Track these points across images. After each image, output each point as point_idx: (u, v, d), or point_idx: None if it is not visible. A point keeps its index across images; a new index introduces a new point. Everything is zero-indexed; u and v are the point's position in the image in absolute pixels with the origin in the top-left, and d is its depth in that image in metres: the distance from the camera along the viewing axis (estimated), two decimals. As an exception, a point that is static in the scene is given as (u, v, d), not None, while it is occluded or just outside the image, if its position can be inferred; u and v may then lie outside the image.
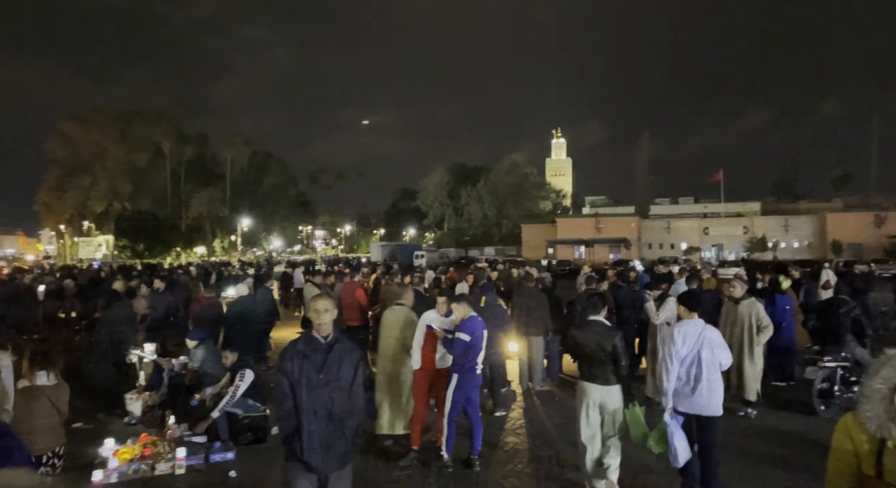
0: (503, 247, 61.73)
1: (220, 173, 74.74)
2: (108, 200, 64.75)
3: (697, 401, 4.35)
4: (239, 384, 6.25)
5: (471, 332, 5.16)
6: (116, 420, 7.01)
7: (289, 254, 69.73)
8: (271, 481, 5.10)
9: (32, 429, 3.94)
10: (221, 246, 71.09)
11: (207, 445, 5.77)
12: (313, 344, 3.37)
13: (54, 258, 65.64)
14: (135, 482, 5.13)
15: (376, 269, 16.07)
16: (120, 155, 64.98)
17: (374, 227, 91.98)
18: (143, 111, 68.60)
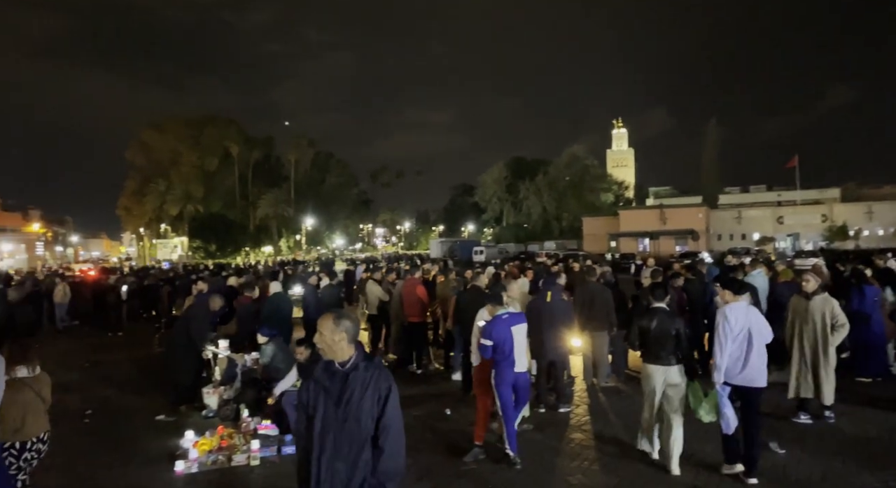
0: (563, 242, 60.77)
1: (284, 175, 77.16)
2: (182, 203, 68.23)
3: (747, 375, 4.80)
4: (307, 378, 6.44)
5: (489, 335, 5.20)
6: (195, 413, 7.37)
7: (351, 252, 71.28)
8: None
9: (19, 418, 4.20)
10: (287, 245, 73.44)
11: (279, 438, 5.99)
12: (330, 371, 2.75)
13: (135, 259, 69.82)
14: (213, 472, 5.39)
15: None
16: (193, 160, 68.23)
17: (433, 224, 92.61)
18: (213, 117, 71.73)
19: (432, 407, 7.27)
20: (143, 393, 8.40)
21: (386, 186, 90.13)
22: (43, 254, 73.68)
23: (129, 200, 70.60)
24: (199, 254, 62.72)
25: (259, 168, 73.98)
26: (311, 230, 73.56)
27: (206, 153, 68.92)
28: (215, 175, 70.72)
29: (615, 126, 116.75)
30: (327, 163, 79.35)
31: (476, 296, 7.79)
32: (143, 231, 73.12)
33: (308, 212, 71.27)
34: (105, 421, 7.22)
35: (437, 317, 10.36)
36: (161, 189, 67.50)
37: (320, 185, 78.07)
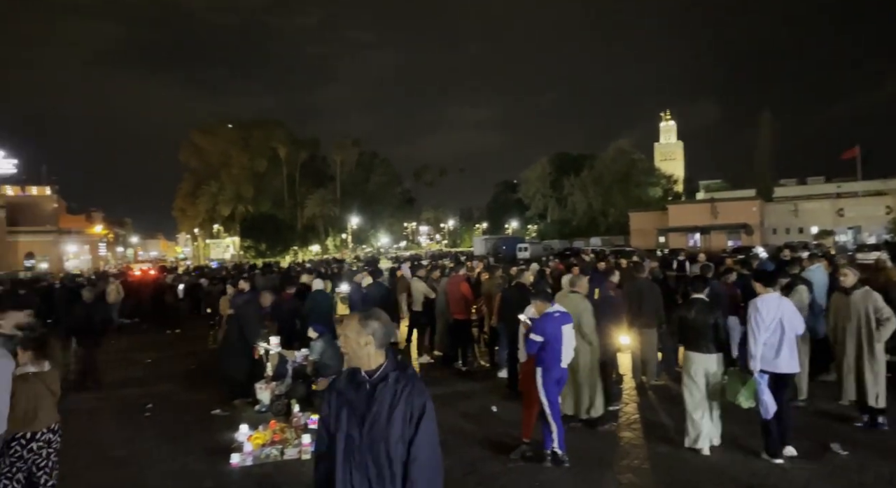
0: (610, 238, 59.70)
1: (330, 175, 78.50)
2: (233, 204, 70.37)
3: (780, 362, 5.08)
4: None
5: (542, 332, 5.15)
6: (249, 408, 7.62)
7: (395, 251, 71.99)
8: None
9: (32, 410, 4.40)
10: (334, 244, 74.75)
11: (329, 433, 6.13)
12: (355, 381, 2.38)
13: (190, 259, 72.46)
14: (267, 465, 5.56)
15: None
16: (243, 161, 70.20)
17: (477, 221, 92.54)
18: (261, 120, 73.63)
19: (479, 404, 7.29)
20: (199, 388, 8.73)
21: (429, 185, 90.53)
22: (105, 254, 77.28)
23: (184, 202, 73.24)
24: (250, 253, 64.52)
25: (306, 168, 75.49)
26: (357, 229, 74.63)
27: (255, 155, 70.80)
28: (264, 176, 72.56)
29: (663, 118, 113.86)
30: (371, 163, 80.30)
31: (521, 293, 7.77)
32: (198, 231, 75.77)
33: (353, 211, 72.34)
34: (165, 415, 7.54)
35: (482, 314, 10.37)
36: (213, 190, 69.79)
37: (365, 185, 79.07)
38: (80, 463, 5.87)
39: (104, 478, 5.50)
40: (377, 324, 2.38)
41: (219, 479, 5.30)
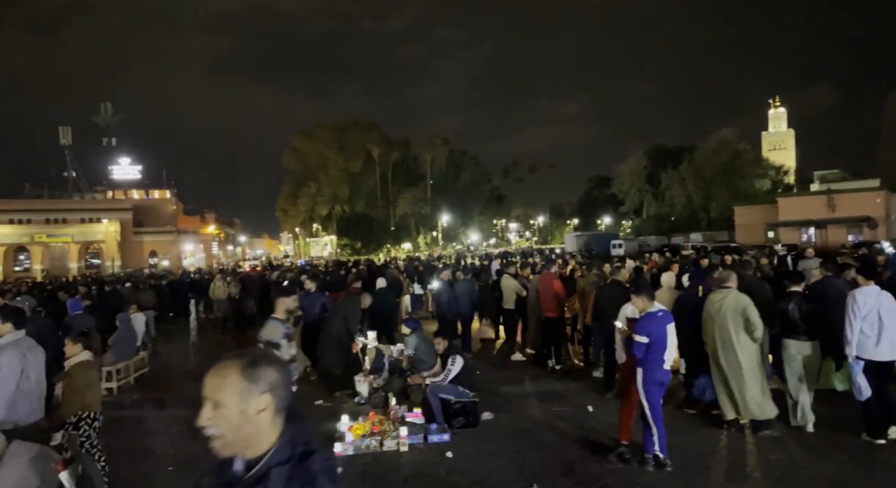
0: (712, 233, 56.44)
1: (421, 173, 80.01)
2: (330, 204, 73.53)
3: (880, 351, 5.31)
4: (450, 369, 6.69)
5: (647, 332, 4.94)
6: (349, 399, 7.95)
7: (485, 248, 72.13)
8: (484, 465, 5.36)
9: (88, 395, 4.78)
10: (425, 241, 76.12)
11: (425, 426, 6.27)
12: (225, 481, 1.52)
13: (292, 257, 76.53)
14: (367, 455, 5.77)
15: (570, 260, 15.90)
16: (339, 163, 73.16)
17: (568, 218, 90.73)
18: (356, 122, 76.34)
19: (574, 403, 7.18)
20: (303, 380, 9.19)
21: (519, 181, 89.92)
22: (217, 252, 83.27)
23: (286, 202, 77.39)
24: (347, 251, 67.13)
25: (398, 168, 77.40)
26: (447, 227, 75.55)
27: (350, 156, 73.52)
28: (359, 176, 75.19)
29: (772, 105, 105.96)
30: (461, 161, 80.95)
31: (617, 290, 7.55)
32: (298, 230, 79.83)
33: (443, 209, 73.30)
34: (273, 403, 8.02)
35: (575, 312, 10.19)
36: (312, 191, 73.27)
37: (455, 183, 79.86)
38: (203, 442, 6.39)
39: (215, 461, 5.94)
40: (273, 371, 1.46)
41: (324, 466, 5.56)
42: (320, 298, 9.64)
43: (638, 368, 5.06)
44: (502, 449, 5.76)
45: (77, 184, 69.45)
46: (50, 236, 54.95)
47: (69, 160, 68.08)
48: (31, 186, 67.32)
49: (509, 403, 7.50)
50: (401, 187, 75.57)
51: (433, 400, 6.53)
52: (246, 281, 18.46)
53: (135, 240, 58.66)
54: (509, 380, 8.81)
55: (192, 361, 12.02)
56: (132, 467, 5.69)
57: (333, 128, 74.87)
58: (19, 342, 4.39)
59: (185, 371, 10.91)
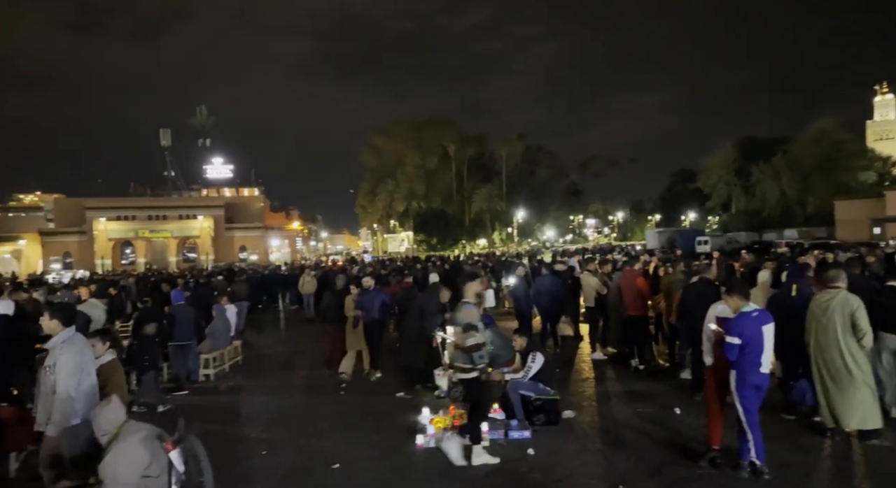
0: (809, 229, 52.71)
1: (496, 169, 79.74)
2: (407, 201, 74.80)
3: None
4: (531, 366, 6.64)
5: (740, 333, 4.66)
6: (429, 392, 8.07)
7: (561, 244, 70.94)
8: (566, 463, 5.29)
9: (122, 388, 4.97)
10: (500, 237, 75.87)
11: (505, 422, 6.27)
12: None
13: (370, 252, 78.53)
14: (448, 448, 5.83)
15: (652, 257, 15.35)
16: (415, 160, 74.22)
17: (649, 213, 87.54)
18: (432, 119, 77.13)
19: (659, 405, 6.94)
20: (385, 372, 9.43)
21: (597, 176, 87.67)
22: (300, 248, 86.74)
23: (365, 199, 79.43)
24: (423, 246, 68.06)
25: (473, 164, 77.50)
26: (522, 223, 74.90)
27: (426, 153, 74.38)
28: (435, 173, 75.95)
29: (878, 92, 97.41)
30: (537, 156, 79.95)
31: (705, 289, 7.22)
32: (376, 226, 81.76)
33: (519, 205, 72.72)
34: (356, 396, 8.27)
35: (659, 310, 9.84)
36: (389, 188, 74.80)
37: (530, 178, 79.00)
38: (292, 428, 6.71)
39: (309, 447, 6.20)
40: None
41: (406, 459, 5.68)
42: (379, 295, 9.48)
43: (731, 371, 4.82)
44: (585, 448, 5.67)
45: (175, 183, 74.53)
46: (152, 232, 59.23)
47: (168, 161, 73.14)
48: (136, 185, 72.89)
49: (591, 402, 7.36)
50: (476, 183, 75.65)
51: (513, 397, 6.51)
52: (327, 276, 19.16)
53: (226, 236, 62.09)
54: (590, 379, 8.65)
55: (280, 351, 12.60)
56: (227, 450, 6.02)
57: (410, 125, 76.01)
58: (73, 339, 4.42)
59: (275, 361, 11.46)
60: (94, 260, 54.36)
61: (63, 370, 4.21)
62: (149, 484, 3.65)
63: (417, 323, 8.90)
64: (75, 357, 4.29)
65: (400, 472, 5.33)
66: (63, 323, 4.41)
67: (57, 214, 61.02)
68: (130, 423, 3.81)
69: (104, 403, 3.86)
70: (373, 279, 9.98)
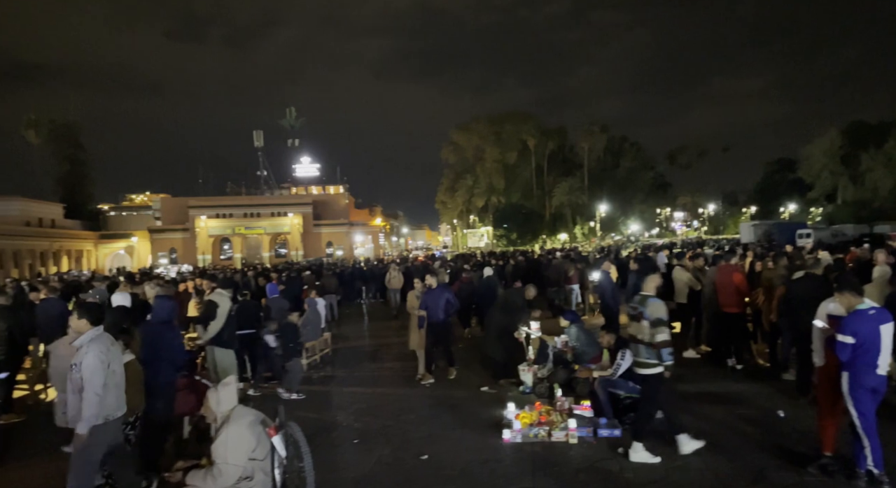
0: (930, 221, 47.82)
1: (578, 162, 78.11)
2: (486, 196, 74.86)
3: None
4: (620, 363, 6.47)
5: (853, 332, 4.33)
6: (513, 388, 8.05)
7: (647, 238, 68.41)
8: (661, 464, 5.11)
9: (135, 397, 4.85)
10: (582, 232, 74.29)
11: (594, 420, 6.14)
12: None
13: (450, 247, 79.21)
14: (535, 444, 5.80)
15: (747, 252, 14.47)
16: (495, 155, 74.08)
17: (743, 205, 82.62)
18: (511, 114, 76.65)
19: (760, 407, 6.56)
20: (469, 366, 9.49)
21: (686, 167, 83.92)
22: (383, 243, 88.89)
23: (444, 195, 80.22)
24: (502, 241, 67.85)
25: (553, 158, 76.35)
26: (605, 216, 72.93)
27: (506, 148, 74.02)
28: (514, 168, 75.49)
29: None
30: (621, 148, 77.57)
31: (812, 285, 6.75)
32: (456, 222, 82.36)
33: (602, 198, 70.85)
34: (441, 389, 8.38)
35: (757, 307, 9.27)
36: (469, 183, 75.11)
37: (614, 171, 76.78)
38: (381, 418, 6.90)
39: (397, 437, 6.36)
40: None
41: (493, 452, 5.69)
42: (444, 293, 9.04)
43: (843, 372, 4.48)
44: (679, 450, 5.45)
45: (268, 182, 78.38)
46: (247, 228, 62.69)
47: (261, 160, 77.00)
48: (232, 185, 77.37)
49: (684, 403, 7.04)
50: (557, 177, 74.47)
51: (602, 394, 6.38)
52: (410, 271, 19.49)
53: (314, 232, 64.59)
54: (683, 379, 8.27)
55: (367, 344, 12.99)
56: (320, 438, 6.28)
57: (490, 120, 75.91)
58: (101, 338, 4.44)
59: (363, 353, 11.83)
60: (196, 255, 58.25)
61: (89, 368, 4.23)
62: (255, 466, 3.88)
63: (502, 318, 8.90)
64: (101, 356, 4.30)
65: (488, 466, 5.36)
66: (91, 322, 4.43)
67: (164, 213, 65.89)
68: (239, 408, 4.06)
69: (222, 385, 4.09)
70: (435, 277, 9.52)
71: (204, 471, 3.83)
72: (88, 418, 4.20)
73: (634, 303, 5.38)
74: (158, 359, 5.51)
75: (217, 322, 7.70)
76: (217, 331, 7.68)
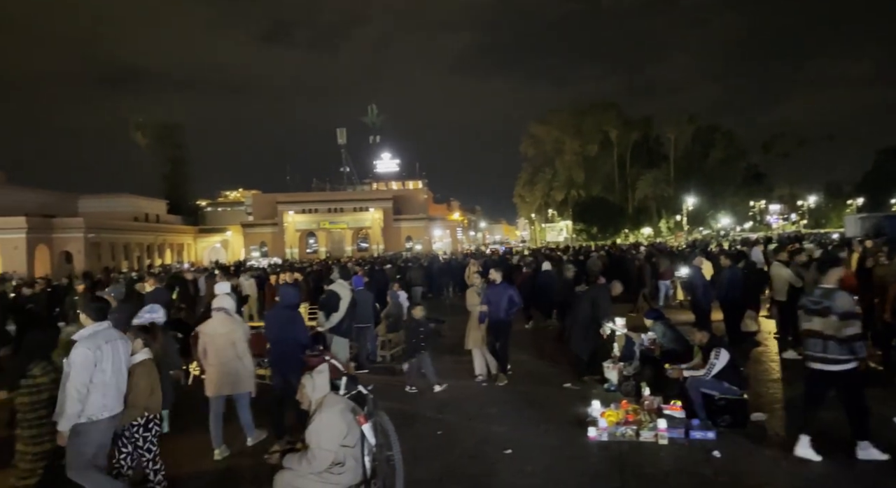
0: None
1: (663, 154, 74.95)
2: (566, 189, 73.39)
3: None
4: (714, 362, 6.16)
5: None
6: (597, 385, 7.87)
7: (738, 233, 64.65)
8: (759, 470, 4.84)
9: (154, 392, 4.73)
10: (667, 226, 71.34)
11: (686, 421, 5.88)
12: None
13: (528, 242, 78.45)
14: (622, 443, 5.64)
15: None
16: (574, 147, 72.45)
17: (849, 197, 76.24)
18: (592, 104, 74.59)
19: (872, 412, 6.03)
20: (551, 361, 9.37)
21: (783, 156, 78.31)
22: (461, 238, 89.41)
23: (523, 189, 79.39)
24: (582, 236, 66.40)
25: (637, 149, 73.64)
26: (693, 210, 69.56)
27: (586, 140, 72.20)
28: (595, 160, 73.54)
29: None
30: (711, 138, 73.58)
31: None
32: (534, 216, 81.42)
33: (689, 191, 67.61)
34: (523, 384, 8.31)
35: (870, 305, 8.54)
36: (548, 177, 73.94)
37: (703, 162, 73.01)
38: (464, 411, 6.95)
39: (481, 430, 6.38)
40: None
41: (579, 450, 5.59)
42: (507, 290, 8.51)
43: None
44: (782, 456, 5.12)
45: (350, 178, 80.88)
46: (331, 223, 65.02)
47: (344, 157, 79.51)
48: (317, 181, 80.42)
49: (784, 406, 6.64)
50: (640, 169, 71.77)
51: (694, 395, 6.10)
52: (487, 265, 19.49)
53: (394, 226, 65.98)
54: (782, 381, 7.81)
55: (448, 336, 13.09)
56: (404, 429, 6.38)
57: (570, 112, 74.25)
58: (97, 334, 4.29)
59: (444, 345, 11.94)
60: (285, 248, 61.04)
61: (75, 364, 4.11)
62: (346, 453, 4.00)
63: (586, 314, 8.70)
64: (89, 352, 4.15)
65: (573, 463, 5.27)
66: (93, 317, 4.36)
67: (255, 208, 69.53)
68: (331, 396, 4.20)
69: (317, 372, 4.24)
70: (500, 272, 8.90)
71: (299, 455, 3.99)
72: (69, 416, 4.10)
73: (816, 298, 5.11)
74: (285, 339, 6.05)
75: (338, 313, 8.26)
76: (338, 321, 8.24)
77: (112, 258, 47.44)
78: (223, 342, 5.79)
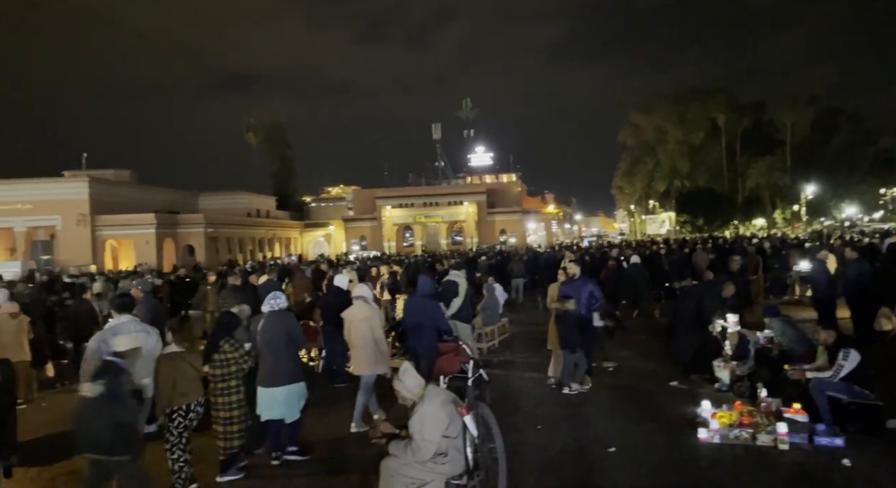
0: None
1: (778, 139, 69.38)
2: (669, 180, 69.93)
3: None
4: (842, 364, 5.65)
5: None
6: (706, 384, 7.47)
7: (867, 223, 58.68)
8: (893, 483, 4.39)
9: (176, 386, 4.70)
10: (783, 216, 66.14)
11: (810, 425, 5.44)
12: None
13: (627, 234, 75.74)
14: (737, 447, 5.33)
15: None
16: (678, 136, 68.82)
17: None
18: (697, 90, 70.45)
19: None
20: (655, 359, 9.02)
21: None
22: (556, 230, 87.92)
23: (622, 180, 76.63)
24: (687, 228, 63.12)
25: (748, 136, 68.68)
26: (812, 199, 63.91)
27: (690, 128, 68.37)
28: (701, 149, 69.51)
29: None
30: (833, 121, 67.10)
31: None
32: (634, 208, 78.38)
33: (809, 179, 62.13)
34: (626, 380, 8.07)
35: None
36: (649, 167, 70.82)
37: (824, 147, 66.79)
38: (563, 406, 6.85)
39: (582, 426, 6.26)
40: None
41: (688, 452, 5.35)
42: (587, 285, 7.95)
43: None
44: (924, 470, 4.63)
45: (445, 173, 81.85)
46: (427, 217, 66.21)
47: (439, 152, 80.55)
48: (413, 176, 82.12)
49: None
50: (751, 157, 66.86)
51: (819, 398, 5.64)
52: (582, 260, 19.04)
53: (488, 220, 66.03)
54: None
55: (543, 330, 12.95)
56: (504, 421, 6.35)
57: (673, 99, 70.55)
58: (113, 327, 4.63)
59: (539, 338, 11.81)
60: (383, 242, 62.95)
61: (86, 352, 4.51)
62: (448, 444, 4.07)
63: (694, 310, 8.29)
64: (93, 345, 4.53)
65: (682, 465, 5.05)
66: (116, 310, 4.71)
67: (355, 203, 72.20)
68: (432, 387, 4.28)
69: (402, 371, 4.32)
70: (579, 266, 8.38)
71: (404, 443, 4.11)
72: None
73: None
74: (422, 326, 6.58)
75: (458, 299, 8.69)
76: (458, 307, 8.67)
77: (228, 251, 51.12)
78: (363, 326, 6.38)
